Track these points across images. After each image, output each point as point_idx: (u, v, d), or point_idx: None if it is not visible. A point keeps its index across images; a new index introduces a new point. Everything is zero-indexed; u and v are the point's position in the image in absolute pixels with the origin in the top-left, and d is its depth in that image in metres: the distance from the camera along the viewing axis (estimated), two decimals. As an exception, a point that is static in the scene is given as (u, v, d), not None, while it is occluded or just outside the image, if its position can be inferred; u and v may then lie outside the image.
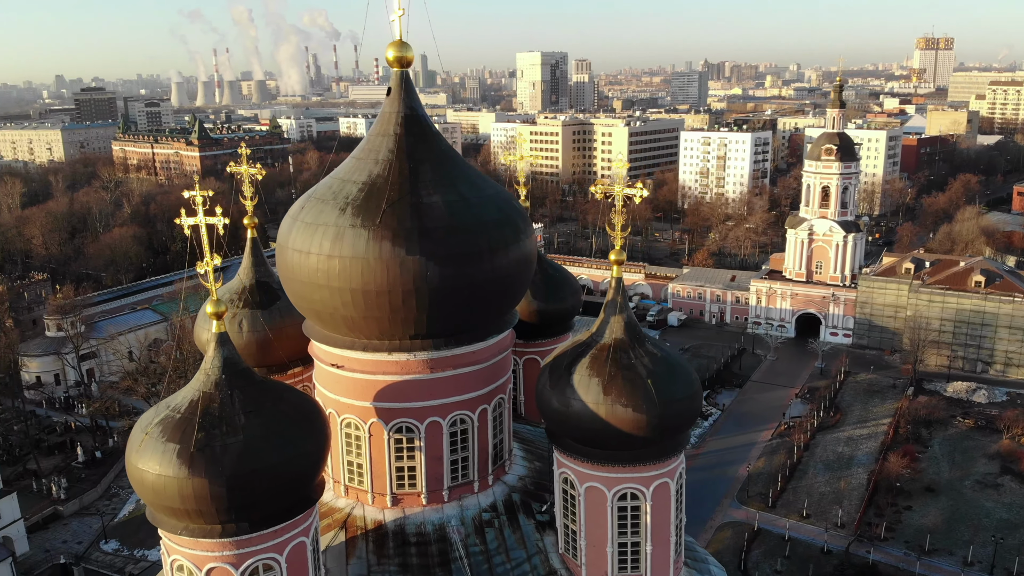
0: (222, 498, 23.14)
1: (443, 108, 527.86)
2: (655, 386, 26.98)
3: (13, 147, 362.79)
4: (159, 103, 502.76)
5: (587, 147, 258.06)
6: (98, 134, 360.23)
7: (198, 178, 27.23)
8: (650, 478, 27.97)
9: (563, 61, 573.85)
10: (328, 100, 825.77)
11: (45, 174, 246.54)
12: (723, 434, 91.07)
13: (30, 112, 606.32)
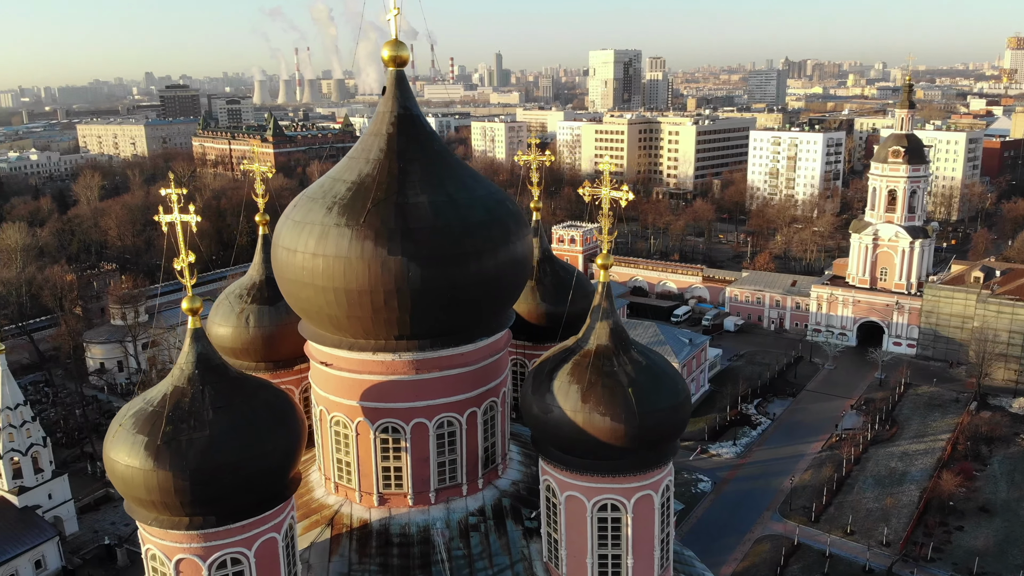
0: (186, 491, 23.45)
1: (514, 107, 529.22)
2: (636, 395, 26.16)
3: (99, 141, 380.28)
4: (239, 101, 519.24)
5: (653, 146, 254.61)
6: (180, 130, 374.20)
7: (172, 176, 27.72)
8: (631, 490, 27.11)
9: (637, 59, 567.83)
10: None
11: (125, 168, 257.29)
12: (771, 444, 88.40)
13: (119, 108, 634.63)
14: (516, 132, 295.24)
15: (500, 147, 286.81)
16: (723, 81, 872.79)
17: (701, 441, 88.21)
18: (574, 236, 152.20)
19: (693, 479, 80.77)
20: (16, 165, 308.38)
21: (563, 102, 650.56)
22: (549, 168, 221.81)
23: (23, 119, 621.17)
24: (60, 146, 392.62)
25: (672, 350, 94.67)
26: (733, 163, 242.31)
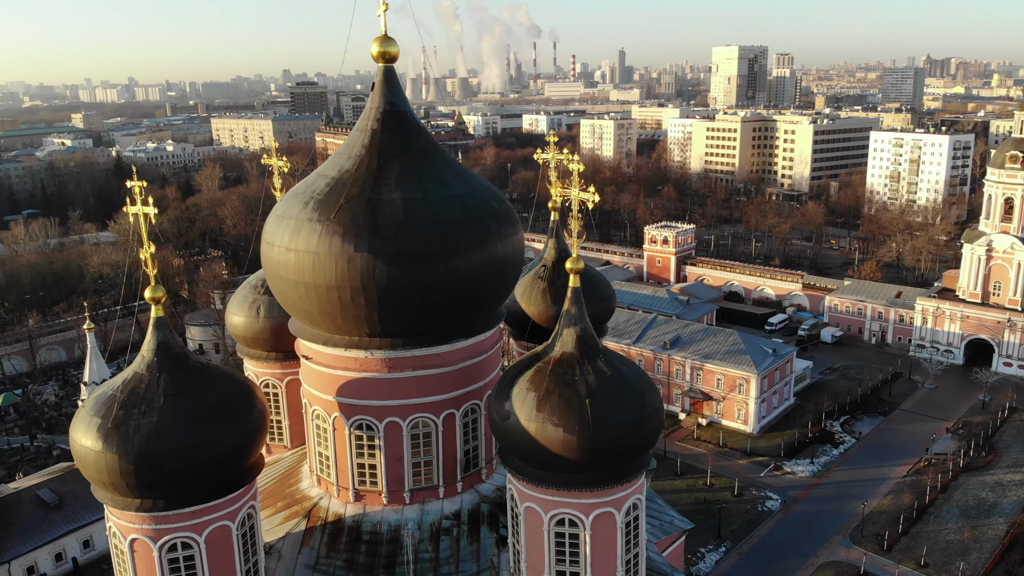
0: (131, 474, 24.09)
1: (631, 104, 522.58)
2: (593, 407, 24.89)
3: (231, 135, 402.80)
4: (363, 98, 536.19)
5: (768, 145, 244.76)
6: (305, 125, 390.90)
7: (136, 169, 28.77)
8: (590, 506, 25.84)
9: (763, 55, 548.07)
10: (524, 97, 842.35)
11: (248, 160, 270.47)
12: (852, 465, 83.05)
13: (254, 104, 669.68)
14: (625, 130, 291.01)
15: (608, 145, 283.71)
16: (858, 79, 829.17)
17: (776, 457, 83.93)
18: (667, 237, 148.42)
19: (761, 496, 76.96)
20: (152, 155, 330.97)
21: (685, 99, 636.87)
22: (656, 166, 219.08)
23: (167, 112, 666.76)
24: (196, 138, 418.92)
25: (751, 360, 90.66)
26: (853, 165, 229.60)
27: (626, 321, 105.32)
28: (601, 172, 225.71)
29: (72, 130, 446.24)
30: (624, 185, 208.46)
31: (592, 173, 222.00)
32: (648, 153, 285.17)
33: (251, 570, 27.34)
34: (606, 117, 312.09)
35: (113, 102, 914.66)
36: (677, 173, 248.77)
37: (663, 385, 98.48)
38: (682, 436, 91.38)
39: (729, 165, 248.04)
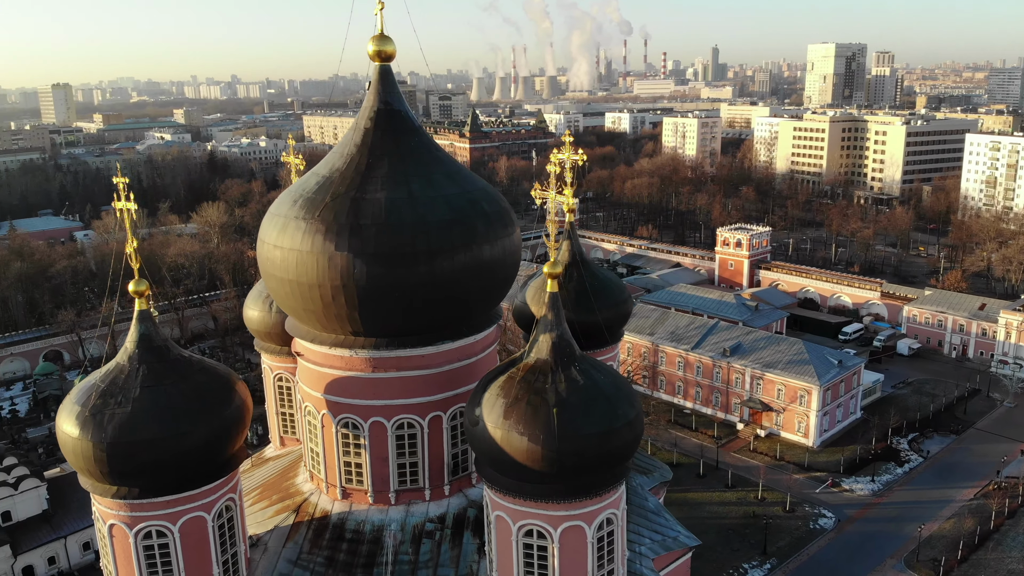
0: (104, 462, 24.76)
1: (721, 102, 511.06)
2: (560, 417, 24.14)
3: (321, 131, 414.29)
4: (451, 97, 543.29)
5: (857, 147, 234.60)
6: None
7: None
8: (558, 518, 25.09)
9: (861, 53, 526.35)
10: (612, 95, 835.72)
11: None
12: (916, 485, 78.61)
13: (347, 102, 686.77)
14: (709, 128, 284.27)
15: (691, 143, 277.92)
16: (964, 79, 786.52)
17: (834, 473, 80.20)
18: (740, 239, 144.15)
19: (814, 513, 73.64)
20: (246, 150, 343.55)
21: (780, 98, 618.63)
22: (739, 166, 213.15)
23: (264, 109, 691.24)
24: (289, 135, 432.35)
25: (814, 371, 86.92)
26: (948, 168, 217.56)
27: (686, 326, 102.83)
28: (680, 171, 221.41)
29: (173, 125, 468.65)
30: (702, 185, 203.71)
31: (670, 172, 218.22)
32: (733, 152, 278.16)
33: (229, 561, 27.74)
34: (689, 115, 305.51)
35: (215, 98, 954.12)
36: (761, 173, 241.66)
37: (721, 394, 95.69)
38: (738, 447, 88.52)
39: (816, 166, 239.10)
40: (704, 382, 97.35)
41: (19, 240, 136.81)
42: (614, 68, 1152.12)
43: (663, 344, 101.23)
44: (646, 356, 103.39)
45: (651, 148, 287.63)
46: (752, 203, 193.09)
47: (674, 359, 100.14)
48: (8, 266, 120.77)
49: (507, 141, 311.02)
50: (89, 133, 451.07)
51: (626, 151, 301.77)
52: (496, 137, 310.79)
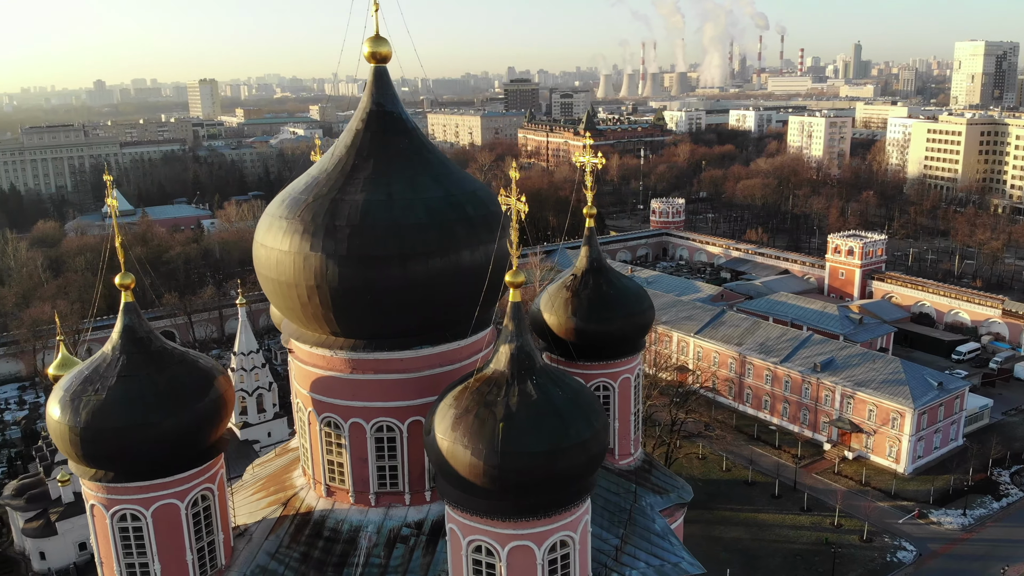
0: (78, 445, 26.03)
1: (859, 101, 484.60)
2: (506, 433, 23.32)
3: (444, 129, 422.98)
4: (572, 95, 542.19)
5: (997, 151, 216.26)
6: (511, 122, 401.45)
7: (108, 172, 30.17)
8: (506, 536, 24.32)
9: (1012, 52, 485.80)
10: (745, 92, 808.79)
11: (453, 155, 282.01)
12: (1012, 522, 71.47)
13: (474, 100, 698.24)
14: (838, 128, 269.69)
15: (817, 143, 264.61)
16: None
17: (923, 504, 74.14)
18: (852, 247, 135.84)
19: (893, 545, 68.26)
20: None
21: (927, 97, 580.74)
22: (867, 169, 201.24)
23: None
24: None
25: (910, 392, 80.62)
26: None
27: (777, 338, 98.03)
28: (801, 172, 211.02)
29: (307, 121, 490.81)
30: (821, 187, 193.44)
31: (788, 173, 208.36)
32: (863, 154, 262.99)
33: (205, 549, 28.51)
34: (817, 114, 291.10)
35: (353, 95, 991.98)
36: (891, 177, 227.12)
37: (810, 411, 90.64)
38: (822, 468, 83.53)
39: (951, 171, 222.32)
40: (792, 398, 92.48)
41: (145, 226, 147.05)
42: (748, 65, 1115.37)
43: (751, 355, 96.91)
44: (732, 367, 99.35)
45: (775, 147, 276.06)
46: (874, 208, 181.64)
47: (762, 372, 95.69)
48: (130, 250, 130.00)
49: (621, 139, 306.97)
50: (230, 127, 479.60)
51: (748, 150, 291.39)
52: (610, 135, 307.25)
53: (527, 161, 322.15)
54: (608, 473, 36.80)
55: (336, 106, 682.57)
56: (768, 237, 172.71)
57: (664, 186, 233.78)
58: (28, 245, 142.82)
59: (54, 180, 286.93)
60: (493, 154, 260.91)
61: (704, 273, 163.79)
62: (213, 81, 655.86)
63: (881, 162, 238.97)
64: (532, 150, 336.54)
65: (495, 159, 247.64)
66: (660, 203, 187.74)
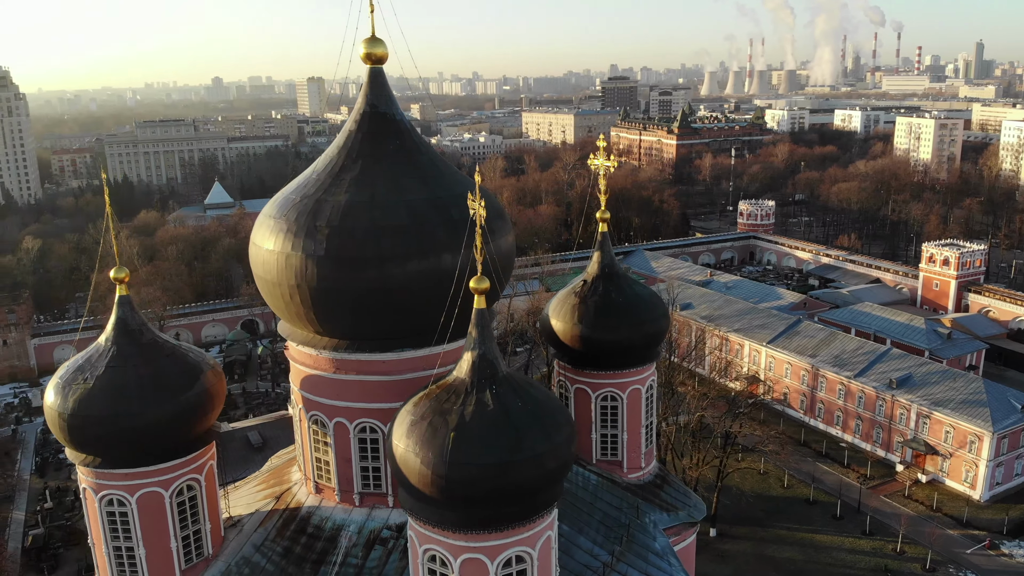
0: (66, 431, 27.24)
1: (977, 102, 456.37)
2: (456, 443, 22.90)
3: (537, 128, 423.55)
4: (671, 92, 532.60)
5: None
6: (605, 120, 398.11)
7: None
8: (457, 548, 23.88)
9: None
10: (857, 91, 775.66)
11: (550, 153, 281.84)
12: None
13: (572, 98, 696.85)
14: (948, 130, 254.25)
15: (926, 146, 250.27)
16: None
17: (996, 534, 68.93)
18: (948, 257, 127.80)
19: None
20: (466, 145, 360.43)
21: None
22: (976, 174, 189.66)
23: (495, 105, 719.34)
24: (509, 131, 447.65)
25: (990, 414, 75.15)
26: None
27: (853, 351, 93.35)
28: (902, 176, 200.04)
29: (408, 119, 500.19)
30: (921, 192, 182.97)
31: (889, 177, 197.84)
32: (975, 159, 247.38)
33: (191, 537, 29.30)
34: (927, 115, 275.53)
35: (455, 95, 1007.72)
36: (1002, 183, 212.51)
37: (883, 429, 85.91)
38: (891, 491, 79.03)
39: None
40: (865, 414, 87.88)
41: (238, 218, 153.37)
42: (863, 63, 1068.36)
43: (824, 368, 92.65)
44: (804, 379, 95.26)
45: (880, 149, 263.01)
46: (979, 216, 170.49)
47: (835, 386, 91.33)
48: (220, 241, 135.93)
49: (717, 138, 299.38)
50: (334, 124, 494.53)
51: (851, 152, 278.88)
52: (706, 134, 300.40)
53: (619, 160, 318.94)
54: (613, 486, 35.82)
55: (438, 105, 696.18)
56: (862, 244, 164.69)
57: (757, 187, 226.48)
58: (128, 234, 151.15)
59: (165, 172, 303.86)
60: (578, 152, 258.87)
61: (791, 279, 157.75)
62: (321, 79, 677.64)
63: (992, 167, 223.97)
64: (624, 148, 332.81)
65: (579, 157, 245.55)
66: (748, 205, 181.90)
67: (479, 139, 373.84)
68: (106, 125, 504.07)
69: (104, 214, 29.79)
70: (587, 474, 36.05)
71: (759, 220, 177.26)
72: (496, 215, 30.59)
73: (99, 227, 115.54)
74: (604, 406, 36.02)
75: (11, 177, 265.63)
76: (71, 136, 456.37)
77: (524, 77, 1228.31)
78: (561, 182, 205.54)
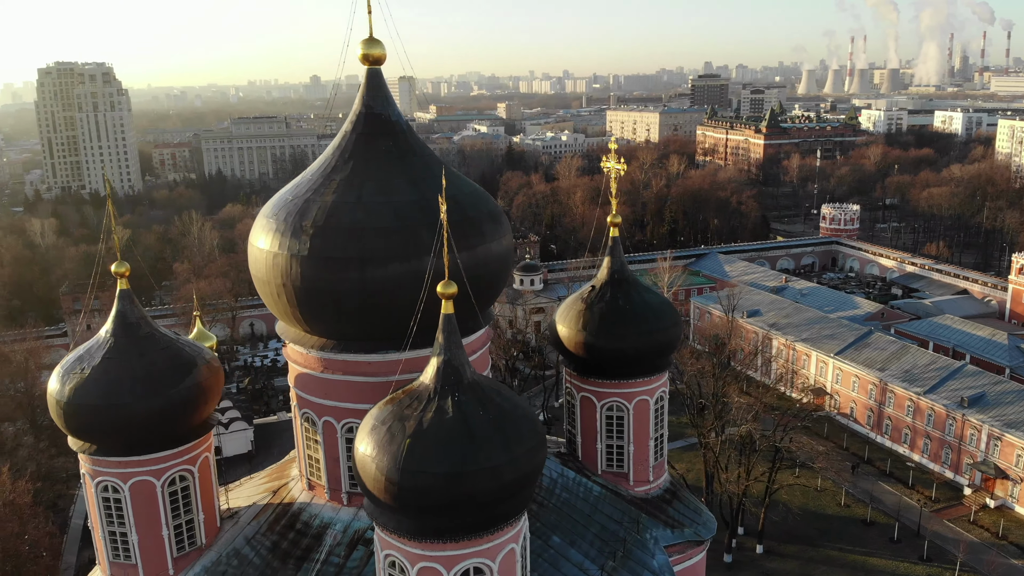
0: (62, 418, 28.44)
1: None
2: (411, 449, 22.69)
3: (622, 126, 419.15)
4: (763, 91, 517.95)
5: None
6: (691, 118, 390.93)
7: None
8: (413, 555, 23.74)
9: None
10: (964, 92, 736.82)
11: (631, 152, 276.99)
12: None
13: (661, 96, 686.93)
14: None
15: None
16: None
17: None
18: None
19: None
20: (548, 143, 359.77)
21: None
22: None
23: (582, 103, 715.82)
24: (592, 129, 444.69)
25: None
26: None
27: (925, 366, 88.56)
28: (999, 182, 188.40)
29: (492, 118, 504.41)
30: (1018, 200, 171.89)
31: (985, 183, 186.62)
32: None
33: (183, 527, 30.10)
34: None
35: (544, 93, 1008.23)
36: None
37: (952, 450, 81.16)
38: (956, 515, 74.58)
39: None
40: (935, 433, 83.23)
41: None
42: (971, 63, 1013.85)
43: (893, 383, 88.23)
44: (872, 394, 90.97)
45: (980, 153, 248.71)
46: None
47: (903, 402, 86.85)
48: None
49: (807, 139, 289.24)
50: (421, 123, 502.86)
51: (949, 155, 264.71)
52: (795, 133, 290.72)
53: (702, 159, 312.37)
54: (616, 499, 34.89)
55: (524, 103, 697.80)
56: (951, 252, 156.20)
57: (844, 190, 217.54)
58: (212, 226, 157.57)
59: (257, 167, 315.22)
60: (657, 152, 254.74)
61: (872, 288, 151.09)
62: (411, 78, 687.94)
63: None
64: (709, 147, 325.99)
65: (657, 157, 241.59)
66: (832, 208, 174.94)
67: (561, 138, 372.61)
68: (207, 121, 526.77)
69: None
70: (590, 485, 35.21)
71: (842, 225, 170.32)
72: (488, 218, 30.24)
73: (184, 219, 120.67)
74: (610, 416, 35.17)
75: (113, 169, 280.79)
76: (174, 131, 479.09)
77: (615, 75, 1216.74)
78: (637, 182, 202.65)
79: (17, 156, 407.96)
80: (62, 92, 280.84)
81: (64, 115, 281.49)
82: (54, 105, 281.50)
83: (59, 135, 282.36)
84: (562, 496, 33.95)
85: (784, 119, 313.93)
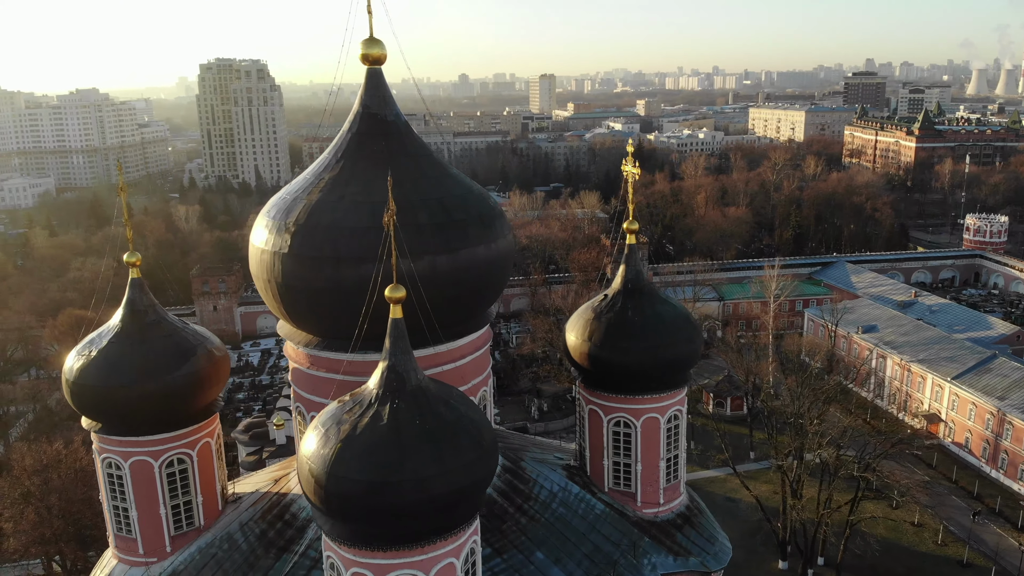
0: (71, 396, 30.47)
1: None
2: (339, 454, 22.57)
3: (765, 124, 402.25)
4: (924, 90, 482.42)
5: None
6: (839, 117, 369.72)
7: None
8: (348, 560, 23.58)
9: None
10: None
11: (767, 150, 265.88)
12: None
13: (815, 94, 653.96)
14: None
15: None
16: None
17: None
18: None
19: None
20: (684, 141, 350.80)
21: None
22: None
23: (727, 100, 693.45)
24: (733, 128, 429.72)
25: None
26: None
27: None
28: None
29: (629, 115, 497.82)
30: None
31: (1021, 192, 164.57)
32: None
33: (181, 507, 31.53)
34: None
35: (691, 89, 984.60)
36: None
37: None
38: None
39: None
40: (1059, 473, 74.84)
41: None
42: None
43: (1012, 414, 80.00)
44: (989, 424, 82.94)
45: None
46: None
47: (1022, 436, 78.65)
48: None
49: (964, 142, 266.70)
50: (558, 120, 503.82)
51: None
52: (950, 136, 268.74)
53: (848, 160, 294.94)
54: (619, 520, 33.39)
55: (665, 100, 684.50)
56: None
57: (998, 200, 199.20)
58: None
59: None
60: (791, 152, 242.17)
61: (1016, 307, 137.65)
62: (552, 76, 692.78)
63: None
64: (856, 149, 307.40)
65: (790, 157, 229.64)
66: (976, 219, 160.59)
67: (698, 135, 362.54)
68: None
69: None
70: (593, 502, 33.92)
71: (988, 237, 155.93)
72: (477, 221, 29.65)
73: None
74: (616, 432, 33.72)
75: (263, 161, 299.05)
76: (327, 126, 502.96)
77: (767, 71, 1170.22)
78: (768, 183, 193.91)
79: (183, 145, 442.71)
80: (220, 86, 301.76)
81: (222, 108, 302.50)
82: (213, 99, 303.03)
83: (217, 127, 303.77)
84: (558, 511, 32.87)
85: (941, 121, 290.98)
